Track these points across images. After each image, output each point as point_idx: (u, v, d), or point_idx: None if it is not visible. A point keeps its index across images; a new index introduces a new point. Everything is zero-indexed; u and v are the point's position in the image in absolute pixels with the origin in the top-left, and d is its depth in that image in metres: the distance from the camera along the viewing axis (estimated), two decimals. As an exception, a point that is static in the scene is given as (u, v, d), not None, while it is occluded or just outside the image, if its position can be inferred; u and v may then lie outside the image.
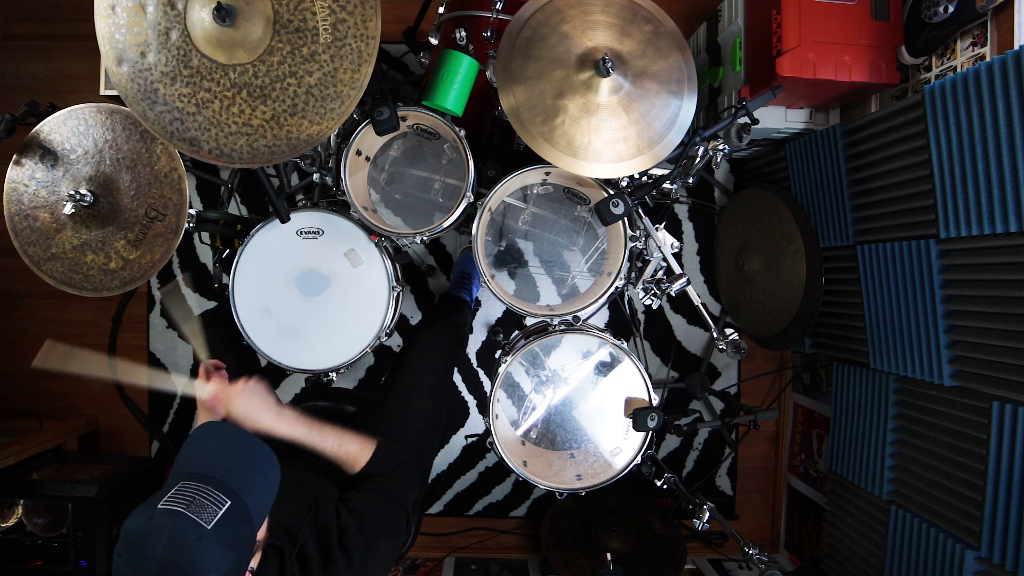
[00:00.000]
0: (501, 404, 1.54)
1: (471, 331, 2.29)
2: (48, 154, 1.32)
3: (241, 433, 0.94)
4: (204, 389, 1.15)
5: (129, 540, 0.77)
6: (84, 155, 1.32)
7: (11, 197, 1.34)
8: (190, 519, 0.77)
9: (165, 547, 0.75)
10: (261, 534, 0.92)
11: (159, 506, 0.79)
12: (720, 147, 1.36)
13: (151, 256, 1.33)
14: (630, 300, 2.33)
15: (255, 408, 1.14)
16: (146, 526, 0.77)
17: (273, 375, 2.23)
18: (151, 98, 1.11)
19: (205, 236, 2.04)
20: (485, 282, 1.42)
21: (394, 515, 1.13)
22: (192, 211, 1.35)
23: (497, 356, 1.60)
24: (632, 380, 1.48)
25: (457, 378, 2.34)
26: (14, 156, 1.33)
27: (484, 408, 2.34)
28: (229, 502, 0.81)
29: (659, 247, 1.47)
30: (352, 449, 1.18)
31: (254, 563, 0.92)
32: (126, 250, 1.33)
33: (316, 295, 1.48)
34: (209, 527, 0.77)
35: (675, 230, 2.35)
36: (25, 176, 1.33)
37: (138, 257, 1.33)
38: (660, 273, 1.51)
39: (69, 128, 1.32)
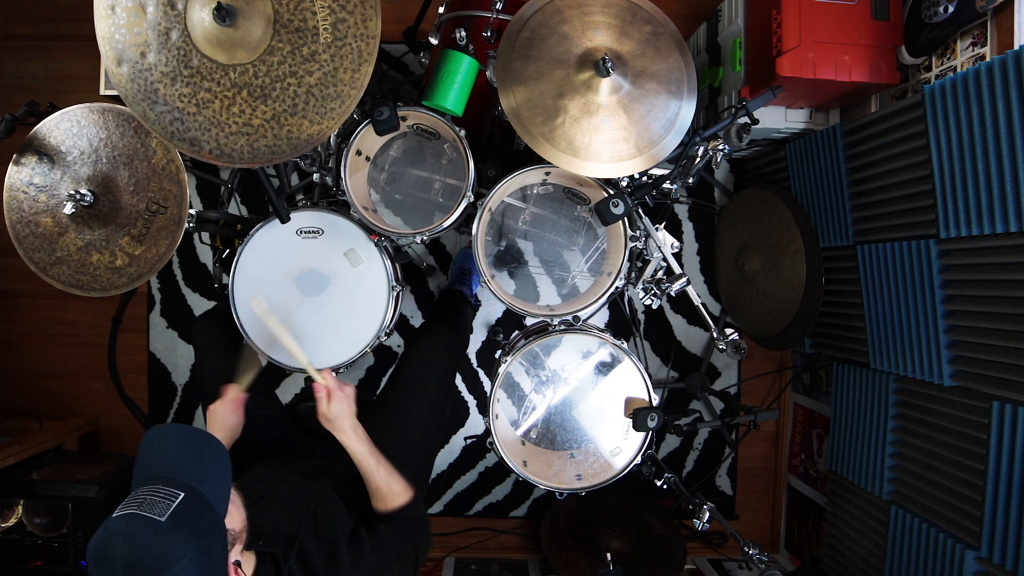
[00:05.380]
0: (501, 404, 1.54)
1: (471, 331, 2.29)
2: (44, 158, 1.32)
3: (182, 427, 0.95)
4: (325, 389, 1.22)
5: (93, 555, 0.78)
6: (80, 156, 1.32)
7: (11, 205, 1.34)
8: (143, 516, 0.78)
9: (125, 549, 0.76)
10: (238, 524, 0.92)
11: (112, 516, 0.80)
12: (720, 147, 1.36)
13: (156, 250, 1.33)
14: (630, 300, 2.33)
15: (348, 413, 1.21)
16: (103, 536, 0.78)
17: (273, 375, 2.23)
18: (151, 98, 1.11)
19: (205, 236, 2.04)
20: (485, 282, 1.42)
21: (405, 557, 1.17)
22: (192, 211, 1.35)
23: (497, 356, 1.60)
24: (632, 380, 1.48)
25: (457, 378, 2.34)
26: (11, 160, 1.33)
27: (484, 408, 2.34)
28: (182, 494, 0.82)
29: (659, 247, 1.47)
30: (394, 489, 1.20)
31: (249, 570, 0.92)
32: (131, 246, 1.33)
33: (316, 295, 1.48)
34: (163, 519, 0.78)
35: (675, 230, 2.35)
36: (23, 183, 1.33)
37: (143, 252, 1.33)
38: (660, 273, 1.51)
39: (63, 131, 1.32)
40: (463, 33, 1.43)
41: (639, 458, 1.45)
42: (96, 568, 0.77)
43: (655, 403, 1.46)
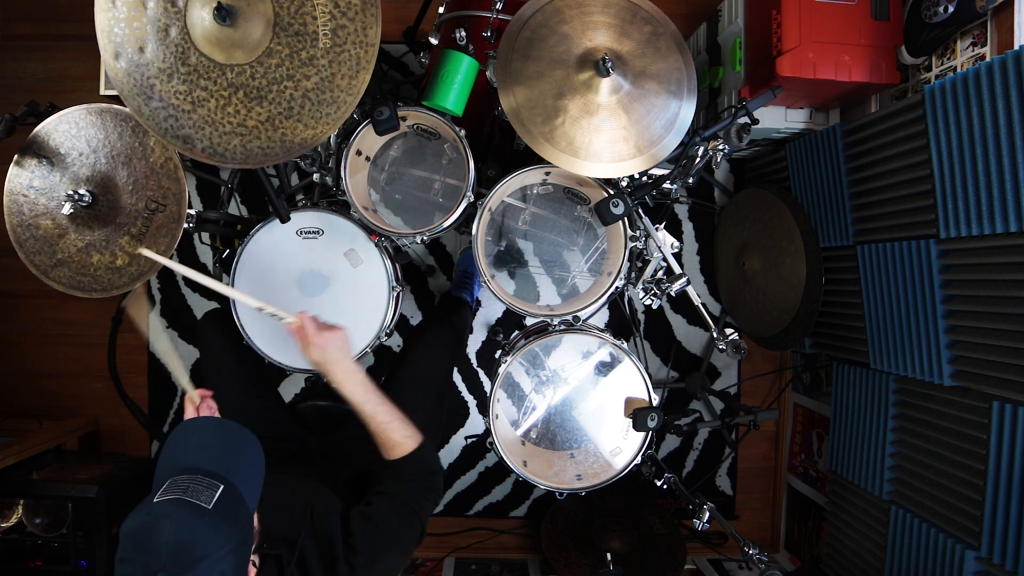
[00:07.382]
0: (501, 404, 1.54)
1: (471, 331, 2.29)
2: (43, 161, 1.32)
3: (221, 421, 0.94)
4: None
5: (133, 538, 0.76)
6: (79, 157, 1.32)
7: (11, 209, 1.34)
8: (191, 503, 0.77)
9: (172, 532, 0.74)
10: (258, 522, 0.92)
11: (155, 500, 0.78)
12: (720, 147, 1.36)
13: (156, 248, 1.32)
14: (630, 300, 2.33)
15: (342, 355, 1.15)
16: (147, 520, 0.76)
17: (273, 375, 2.23)
18: (147, 94, 1.11)
19: (205, 236, 2.04)
20: (485, 282, 1.42)
21: (408, 526, 1.11)
22: (192, 211, 1.35)
23: (497, 356, 1.60)
24: (632, 380, 1.48)
25: (457, 378, 2.34)
26: (11, 164, 1.33)
27: (484, 408, 2.34)
28: (222, 486, 0.81)
29: (659, 247, 1.47)
30: (397, 435, 1.15)
31: (255, 558, 0.92)
32: (131, 246, 1.33)
33: (316, 295, 1.48)
34: (210, 507, 0.78)
35: (675, 230, 2.35)
36: (23, 186, 1.33)
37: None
38: (660, 273, 1.51)
39: (61, 133, 1.32)
40: (463, 33, 1.43)
41: (639, 458, 1.45)
42: (133, 551, 0.75)
43: (655, 403, 1.46)
